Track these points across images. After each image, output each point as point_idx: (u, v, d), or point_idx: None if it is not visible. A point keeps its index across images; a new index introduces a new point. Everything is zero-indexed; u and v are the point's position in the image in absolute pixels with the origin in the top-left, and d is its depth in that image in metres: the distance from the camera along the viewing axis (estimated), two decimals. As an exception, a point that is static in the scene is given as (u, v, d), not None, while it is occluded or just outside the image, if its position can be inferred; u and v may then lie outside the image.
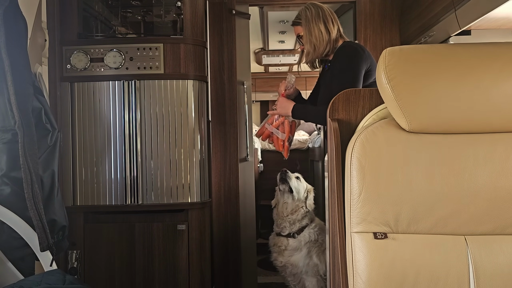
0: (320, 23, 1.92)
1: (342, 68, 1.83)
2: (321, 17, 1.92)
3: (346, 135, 1.11)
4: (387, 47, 1.03)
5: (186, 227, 2.00)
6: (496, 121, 0.99)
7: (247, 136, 2.51)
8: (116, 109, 1.98)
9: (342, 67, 1.83)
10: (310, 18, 1.94)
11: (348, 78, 1.79)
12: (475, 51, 1.00)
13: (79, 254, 1.97)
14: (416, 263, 0.94)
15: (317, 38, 1.91)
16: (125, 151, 1.98)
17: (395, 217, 0.98)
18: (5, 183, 1.37)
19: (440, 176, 0.98)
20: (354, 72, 1.81)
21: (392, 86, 0.99)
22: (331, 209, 1.09)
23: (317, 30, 1.92)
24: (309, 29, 1.93)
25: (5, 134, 1.36)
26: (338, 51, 1.89)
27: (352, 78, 1.79)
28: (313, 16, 1.93)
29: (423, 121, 1.00)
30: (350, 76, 1.80)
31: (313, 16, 1.93)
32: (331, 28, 1.92)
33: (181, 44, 2.01)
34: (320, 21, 1.92)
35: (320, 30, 1.91)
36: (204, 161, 2.08)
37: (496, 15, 1.80)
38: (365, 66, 1.83)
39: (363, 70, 1.82)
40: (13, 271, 1.33)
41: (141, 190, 1.97)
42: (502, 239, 0.96)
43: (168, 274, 2.00)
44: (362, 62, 1.83)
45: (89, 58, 1.99)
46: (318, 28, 1.91)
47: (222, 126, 2.44)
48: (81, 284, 1.23)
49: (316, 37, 1.92)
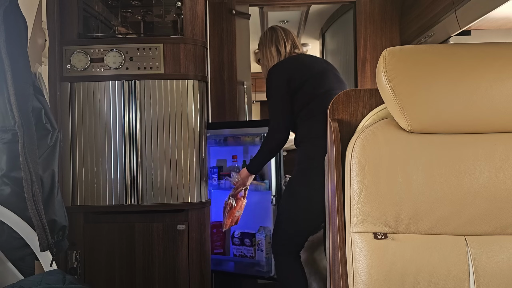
0: (272, 46, 2.03)
1: (266, 91, 1.96)
2: (274, 41, 2.03)
3: (346, 135, 1.11)
4: (387, 47, 1.03)
5: (186, 227, 2.00)
6: (496, 121, 0.99)
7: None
8: (116, 109, 1.98)
9: (266, 90, 1.96)
10: (264, 42, 2.06)
11: (269, 100, 1.94)
12: (475, 51, 1.00)
13: (79, 254, 1.97)
14: (416, 263, 0.94)
15: (269, 61, 2.02)
16: (125, 151, 1.98)
17: (395, 217, 0.98)
18: (5, 183, 1.36)
19: (440, 176, 0.98)
20: (270, 93, 1.92)
21: (392, 86, 0.99)
22: (331, 209, 1.09)
23: (269, 53, 2.03)
24: (263, 52, 2.04)
25: (5, 134, 1.36)
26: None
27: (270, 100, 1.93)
28: (267, 40, 2.04)
29: (423, 121, 1.00)
30: (269, 98, 1.93)
31: (267, 41, 2.04)
32: (283, 50, 2.01)
33: (181, 44, 2.01)
34: (272, 44, 2.02)
35: (271, 53, 2.02)
36: (204, 161, 2.08)
37: (496, 15, 1.81)
38: (282, 79, 1.90)
39: (281, 86, 1.90)
40: (13, 271, 1.33)
41: (141, 190, 1.98)
42: (502, 239, 0.96)
43: (168, 274, 2.00)
44: (277, 79, 1.91)
45: (89, 58, 1.99)
46: (270, 52, 2.02)
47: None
48: (81, 284, 1.23)
49: (268, 60, 2.03)
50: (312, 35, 4.17)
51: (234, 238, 2.38)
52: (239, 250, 2.35)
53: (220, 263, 2.43)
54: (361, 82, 2.84)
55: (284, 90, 1.89)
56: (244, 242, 2.34)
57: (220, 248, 2.42)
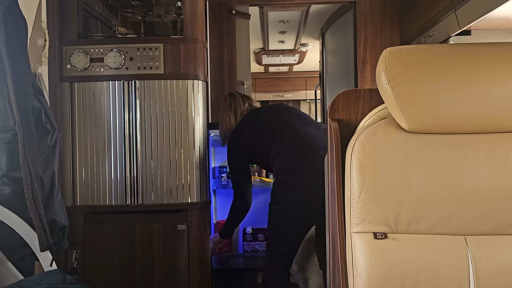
0: (231, 113, 2.11)
1: (227, 157, 2.09)
2: (232, 108, 2.11)
3: (346, 135, 1.12)
4: (387, 47, 1.03)
5: (186, 227, 2.01)
6: (496, 121, 0.99)
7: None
8: (116, 109, 1.98)
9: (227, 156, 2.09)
10: (223, 109, 2.14)
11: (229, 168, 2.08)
12: (475, 51, 1.00)
13: (79, 254, 1.97)
14: (416, 263, 0.94)
15: (226, 126, 2.11)
16: (125, 151, 1.98)
17: (395, 217, 0.98)
18: (5, 183, 1.36)
19: (440, 176, 0.98)
20: (230, 162, 2.06)
21: (392, 86, 0.99)
22: (331, 209, 1.09)
23: (227, 119, 2.11)
24: (222, 118, 2.13)
25: (5, 134, 1.36)
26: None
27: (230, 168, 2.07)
28: (226, 107, 2.13)
29: (423, 121, 1.00)
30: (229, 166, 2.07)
31: (226, 107, 2.13)
32: (239, 116, 2.11)
33: (181, 44, 2.01)
34: (231, 111, 2.11)
35: (230, 119, 2.11)
36: (204, 161, 2.08)
37: (496, 15, 1.81)
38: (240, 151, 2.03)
39: (237, 145, 2.03)
40: (13, 271, 1.33)
41: (141, 190, 1.98)
42: (502, 239, 0.96)
43: (168, 274, 2.00)
44: (233, 140, 2.05)
45: (89, 58, 1.99)
46: (228, 118, 2.11)
47: (222, 126, 2.44)
48: (81, 284, 1.23)
49: (225, 125, 2.11)
50: (312, 35, 4.17)
51: (246, 234, 2.47)
52: (250, 245, 2.43)
53: (227, 261, 2.47)
54: (361, 82, 2.85)
55: (243, 162, 2.04)
56: (257, 238, 2.43)
57: (227, 246, 2.48)
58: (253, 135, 2.00)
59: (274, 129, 1.96)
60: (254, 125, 2.02)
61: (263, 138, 1.97)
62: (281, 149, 1.90)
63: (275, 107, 2.18)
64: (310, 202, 1.78)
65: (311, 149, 1.84)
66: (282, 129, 1.94)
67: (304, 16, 3.49)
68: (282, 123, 1.96)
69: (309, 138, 1.88)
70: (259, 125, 2.01)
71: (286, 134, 1.92)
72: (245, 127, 2.03)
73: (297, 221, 1.85)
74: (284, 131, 1.93)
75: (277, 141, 1.92)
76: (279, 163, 1.90)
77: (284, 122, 1.96)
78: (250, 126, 2.02)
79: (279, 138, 1.92)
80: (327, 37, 3.69)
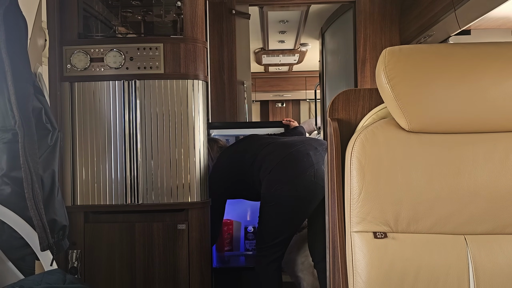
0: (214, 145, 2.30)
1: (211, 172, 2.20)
2: (215, 149, 2.30)
3: (346, 135, 1.12)
4: (387, 47, 1.03)
5: (186, 227, 2.01)
6: (496, 120, 0.99)
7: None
8: (116, 109, 1.98)
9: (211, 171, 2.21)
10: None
11: (212, 183, 2.13)
12: (475, 51, 1.00)
13: (79, 253, 1.97)
14: (416, 262, 0.94)
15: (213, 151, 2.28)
16: (125, 151, 1.98)
17: (394, 217, 0.98)
18: (5, 183, 1.37)
19: (440, 175, 0.98)
20: (214, 180, 2.14)
21: (391, 86, 0.99)
22: (331, 208, 1.09)
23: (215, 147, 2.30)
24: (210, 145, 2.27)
25: (5, 134, 1.37)
26: None
27: (213, 186, 2.13)
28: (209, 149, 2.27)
29: (423, 121, 1.00)
30: (212, 185, 2.13)
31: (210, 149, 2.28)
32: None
33: (181, 44, 2.01)
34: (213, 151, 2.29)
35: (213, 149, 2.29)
36: (204, 160, 2.08)
37: (496, 15, 1.81)
38: (224, 179, 2.19)
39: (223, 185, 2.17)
40: (13, 270, 1.34)
41: (141, 189, 1.98)
42: (502, 238, 0.96)
43: (168, 274, 2.00)
44: (220, 176, 2.18)
45: (89, 58, 1.99)
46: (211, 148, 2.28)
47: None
48: (81, 283, 1.23)
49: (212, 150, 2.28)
50: (312, 35, 4.17)
51: (247, 233, 2.52)
52: (252, 244, 2.45)
53: (229, 260, 2.50)
54: (360, 82, 2.85)
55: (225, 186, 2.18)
56: None
57: (229, 245, 2.52)
58: (231, 164, 2.16)
59: (254, 147, 2.13)
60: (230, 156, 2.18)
61: (245, 157, 2.13)
62: (265, 155, 2.04)
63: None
64: (300, 196, 1.91)
65: (291, 146, 2.02)
66: (263, 145, 2.10)
67: (304, 16, 3.50)
68: (264, 143, 2.14)
69: (288, 140, 2.10)
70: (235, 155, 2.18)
71: (270, 146, 2.08)
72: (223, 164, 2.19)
73: (287, 215, 1.95)
74: (268, 144, 2.10)
75: (261, 152, 2.07)
76: (266, 164, 2.01)
77: (266, 140, 2.16)
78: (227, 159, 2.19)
79: (264, 150, 2.08)
80: (327, 37, 3.69)
